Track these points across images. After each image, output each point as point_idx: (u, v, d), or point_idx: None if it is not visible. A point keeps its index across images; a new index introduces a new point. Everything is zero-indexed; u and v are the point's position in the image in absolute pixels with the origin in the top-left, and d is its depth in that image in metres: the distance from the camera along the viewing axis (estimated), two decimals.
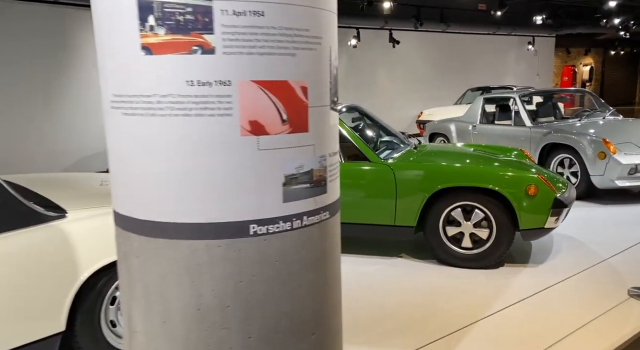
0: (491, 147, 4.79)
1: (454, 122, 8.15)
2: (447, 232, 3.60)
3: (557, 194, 3.41)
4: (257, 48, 1.23)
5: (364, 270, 3.64)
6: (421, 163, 3.66)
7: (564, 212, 3.50)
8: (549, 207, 3.37)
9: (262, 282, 1.31)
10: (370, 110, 4.93)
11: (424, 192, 3.52)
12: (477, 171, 3.50)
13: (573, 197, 3.65)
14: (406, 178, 3.58)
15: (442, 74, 14.63)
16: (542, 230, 3.44)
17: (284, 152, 1.30)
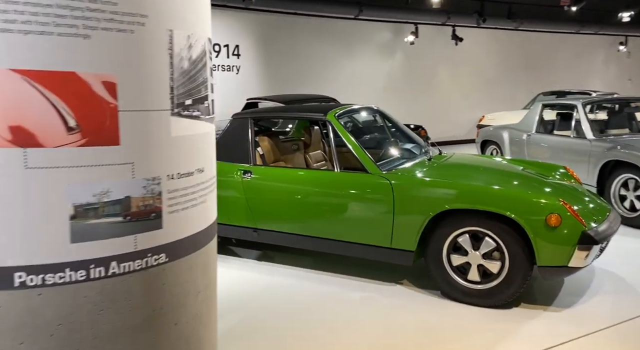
0: (531, 162, 4.14)
1: (507, 129, 7.41)
2: (452, 261, 3.10)
3: (586, 227, 2.80)
4: (17, 24, 0.91)
5: (349, 298, 3.23)
6: (425, 178, 3.18)
7: (597, 249, 2.87)
8: (575, 243, 2.77)
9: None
10: (390, 115, 4.47)
11: (426, 212, 3.05)
12: (489, 192, 2.96)
13: (612, 231, 3.00)
14: (406, 194, 3.12)
15: (513, 75, 13.57)
16: (565, 269, 2.84)
17: (71, 172, 0.96)
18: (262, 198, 3.52)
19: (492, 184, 3.07)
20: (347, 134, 3.41)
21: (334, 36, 10.82)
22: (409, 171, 3.31)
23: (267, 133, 4.12)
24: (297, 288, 3.35)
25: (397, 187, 3.14)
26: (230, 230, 3.69)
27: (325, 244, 3.40)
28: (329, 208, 3.33)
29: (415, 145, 4.04)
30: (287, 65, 10.33)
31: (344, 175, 3.34)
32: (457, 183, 3.06)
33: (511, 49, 13.49)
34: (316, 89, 10.58)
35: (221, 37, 9.46)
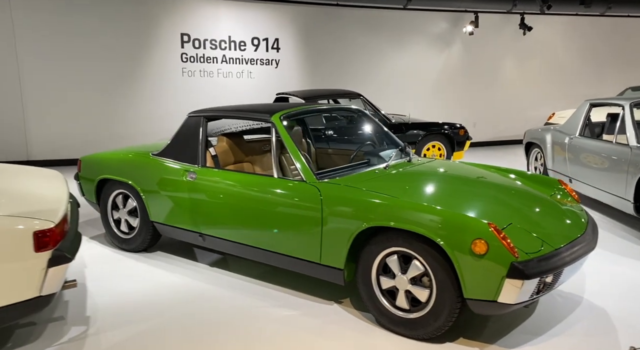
0: (524, 175, 3.69)
1: (551, 131, 6.72)
2: (381, 283, 2.85)
3: (517, 257, 2.41)
4: None
5: (271, 314, 3.07)
6: (359, 189, 2.94)
7: (533, 284, 2.46)
8: (503, 275, 2.41)
9: None
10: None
11: (351, 228, 2.82)
12: (414, 210, 2.66)
13: (565, 261, 2.57)
14: (334, 206, 2.91)
15: (597, 68, 12.26)
16: (495, 305, 2.47)
17: None
18: (205, 202, 3.47)
19: (427, 201, 2.76)
20: (289, 138, 3.25)
21: (381, 28, 10.47)
22: (348, 181, 3.08)
23: (232, 132, 4.06)
24: (226, 299, 3.26)
25: (325, 198, 2.94)
26: (178, 233, 3.70)
27: (262, 255, 3.29)
28: (263, 216, 3.20)
29: (387, 151, 3.77)
30: (329, 60, 10.19)
31: (280, 182, 3.20)
32: (385, 197, 2.79)
33: (595, 38, 12.20)
34: (361, 84, 10.33)
35: (260, 30, 9.55)
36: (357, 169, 3.37)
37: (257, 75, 9.68)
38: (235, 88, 9.49)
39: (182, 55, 9.04)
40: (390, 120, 7.72)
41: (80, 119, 8.59)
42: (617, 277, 3.70)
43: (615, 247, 4.36)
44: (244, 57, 9.52)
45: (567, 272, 2.68)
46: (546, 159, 6.66)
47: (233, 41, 9.38)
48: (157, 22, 8.81)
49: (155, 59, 8.90)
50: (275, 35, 9.71)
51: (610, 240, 4.57)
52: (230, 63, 9.43)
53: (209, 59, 9.24)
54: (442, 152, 8.04)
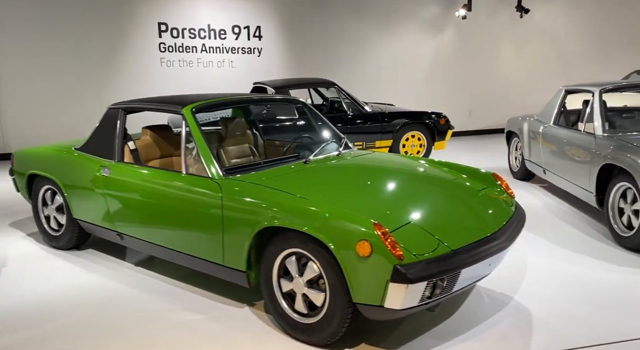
0: (456, 167, 3.51)
1: (528, 119, 6.46)
2: (282, 286, 2.72)
3: (401, 260, 2.25)
4: None
5: (175, 320, 2.95)
6: (253, 187, 2.79)
7: (420, 288, 2.29)
8: (387, 279, 2.25)
9: None
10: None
11: (250, 228, 2.69)
12: (304, 209, 2.52)
13: (457, 264, 2.39)
14: (234, 205, 2.78)
15: (604, 51, 11.77)
16: (383, 310, 2.32)
17: None
18: (118, 199, 3.38)
19: (323, 200, 2.61)
20: (197, 131, 3.11)
21: (369, 14, 10.21)
22: (255, 177, 2.94)
23: (157, 125, 3.94)
24: (136, 302, 3.16)
25: (226, 195, 2.81)
26: (100, 232, 3.62)
27: (173, 255, 3.18)
28: (170, 215, 3.09)
29: (321, 144, 3.61)
30: (315, 48, 9.98)
31: (183, 178, 3.07)
32: (283, 196, 2.65)
33: (600, 19, 11.72)
34: (349, 72, 10.12)
35: (241, 18, 9.39)
36: (276, 164, 3.23)
37: (239, 65, 9.54)
38: (216, 78, 9.37)
39: (160, 44, 8.94)
40: (367, 110, 7.53)
41: (56, 111, 8.58)
42: (559, 276, 3.52)
43: (571, 244, 4.15)
44: (224, 46, 9.38)
45: (470, 273, 2.51)
46: (523, 149, 6.42)
47: (213, 30, 9.24)
48: (133, 11, 8.72)
49: (132, 50, 8.82)
50: (256, 23, 9.54)
51: (569, 236, 4.36)
52: (210, 52, 9.31)
53: (188, 49, 9.13)
54: (422, 142, 7.83)
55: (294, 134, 4.52)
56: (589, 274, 3.56)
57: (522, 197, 5.70)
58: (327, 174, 3.11)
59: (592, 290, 3.30)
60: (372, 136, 7.50)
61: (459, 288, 2.54)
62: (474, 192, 3.14)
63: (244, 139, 4.38)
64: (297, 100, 4.15)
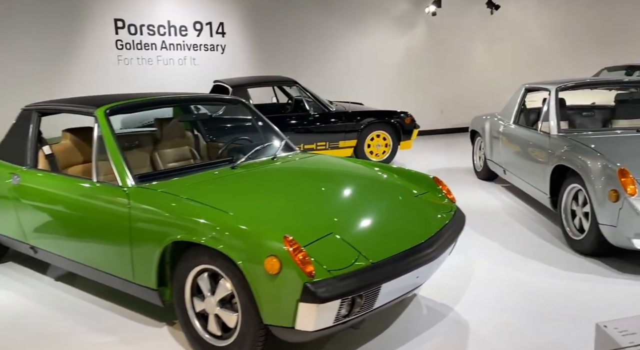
0: (396, 171, 3.34)
1: (490, 118, 6.34)
2: (195, 305, 2.50)
3: (311, 277, 2.06)
4: None
5: (84, 342, 2.72)
6: (164, 197, 2.58)
7: (334, 308, 2.11)
8: (297, 299, 2.06)
9: None
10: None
11: (157, 242, 2.47)
12: (213, 220, 2.31)
13: (376, 279, 2.21)
14: (142, 216, 2.56)
15: (576, 48, 11.72)
16: (295, 332, 2.13)
17: None
18: (28, 209, 3.13)
19: (236, 210, 2.40)
20: (110, 135, 2.88)
21: (337, 10, 10.00)
22: (170, 185, 2.72)
23: (79, 128, 3.68)
24: (45, 322, 2.93)
25: (133, 206, 2.59)
26: (11, 243, 3.36)
27: (86, 270, 2.95)
28: (80, 227, 2.86)
29: (254, 147, 3.40)
30: (282, 45, 9.74)
31: (96, 187, 2.84)
32: (193, 207, 2.43)
33: (571, 16, 11.69)
34: (317, 70, 9.91)
35: (202, 14, 9.11)
36: (202, 169, 3.02)
37: (202, 62, 9.26)
38: (177, 76, 9.08)
39: (116, 42, 8.62)
40: (330, 109, 7.33)
41: (6, 112, 8.19)
42: (505, 284, 3.37)
43: (523, 248, 4.01)
44: (185, 43, 9.09)
45: (394, 287, 2.33)
46: (485, 149, 6.29)
47: (173, 26, 8.95)
48: (87, 8, 8.37)
49: (86, 47, 8.49)
50: (219, 19, 9.26)
51: (522, 240, 4.22)
52: (170, 49, 9.01)
53: (147, 46, 8.83)
54: (387, 141, 7.67)
55: (234, 135, 4.31)
56: (536, 280, 3.42)
57: (482, 198, 5.58)
58: (252, 181, 2.90)
59: (536, 298, 3.16)
60: (336, 136, 7.32)
61: (382, 303, 2.35)
62: (410, 197, 2.97)
63: (182, 141, 4.15)
64: (235, 99, 3.93)
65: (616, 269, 3.54)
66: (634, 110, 5.27)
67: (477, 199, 5.57)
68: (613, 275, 3.45)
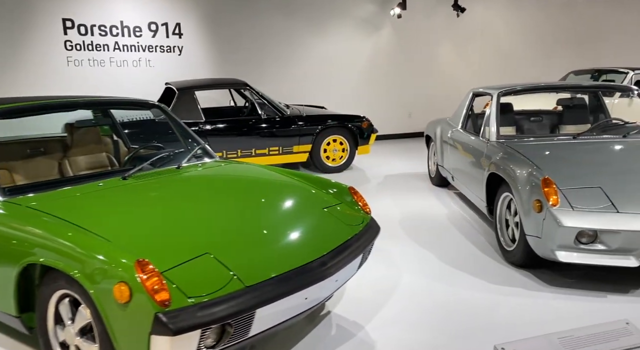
0: (314, 180, 3.16)
1: (441, 123, 6.21)
2: (58, 334, 2.29)
3: (165, 306, 1.86)
4: None
5: None
6: (27, 213, 2.36)
7: (212, 336, 1.93)
8: (148, 331, 1.85)
9: None
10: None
11: (14, 264, 2.25)
12: (63, 241, 2.10)
13: (246, 305, 2.01)
14: (1, 234, 2.34)
15: (542, 50, 11.70)
16: None
17: None
18: None
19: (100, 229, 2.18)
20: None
21: (299, 11, 9.83)
22: (42, 199, 2.50)
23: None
24: None
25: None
26: None
27: None
28: None
29: (160, 155, 3.19)
30: (242, 47, 9.53)
31: None
32: (53, 225, 2.22)
33: (541, 19, 11.67)
34: (280, 73, 9.73)
35: (157, 14, 8.87)
36: (88, 180, 2.80)
37: (158, 64, 9.02)
38: (132, 78, 8.83)
39: (65, 42, 8.34)
40: (283, 113, 7.14)
41: None
42: (427, 298, 3.21)
43: (456, 259, 3.85)
44: (140, 44, 8.84)
45: (274, 311, 2.14)
46: (437, 154, 6.15)
47: (126, 27, 8.69)
48: (33, 7, 8.09)
49: (33, 49, 8.20)
50: (175, 19, 9.03)
51: (458, 250, 4.06)
52: (124, 51, 8.75)
53: (98, 47, 8.56)
54: (344, 146, 7.51)
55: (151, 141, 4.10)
56: (461, 294, 3.26)
57: (431, 205, 5.42)
58: (136, 194, 2.69)
59: (456, 314, 3.00)
60: (289, 141, 7.13)
61: (261, 330, 2.16)
62: (316, 210, 2.78)
63: (98, 147, 3.93)
64: (150, 103, 3.71)
65: (545, 281, 3.40)
66: (581, 115, 5.17)
67: (425, 206, 5.42)
68: (540, 289, 3.30)
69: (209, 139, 6.66)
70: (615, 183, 3.16)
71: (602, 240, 2.98)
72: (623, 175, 3.28)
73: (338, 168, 7.51)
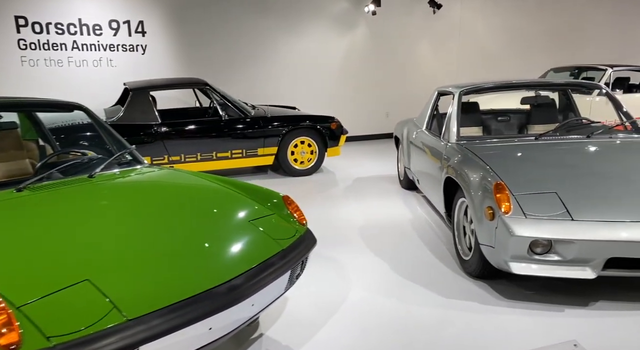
0: (245, 188, 2.92)
1: (408, 123, 6.00)
2: None
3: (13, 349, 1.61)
4: None
5: None
6: None
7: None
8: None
9: None
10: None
11: None
12: None
13: (112, 346, 1.75)
14: None
15: (522, 47, 11.58)
16: None
17: None
18: None
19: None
20: None
21: (270, 9, 9.58)
22: None
23: None
24: None
25: None
26: None
27: None
28: None
29: (71, 162, 2.93)
30: (211, 46, 9.26)
31: None
32: None
33: (521, 16, 11.54)
34: (250, 72, 9.48)
35: (118, 12, 8.57)
36: None
37: (120, 63, 8.72)
38: (93, 78, 8.54)
39: (19, 41, 8.02)
40: (247, 114, 6.89)
41: None
42: (372, 316, 2.97)
43: (411, 270, 3.63)
44: (100, 43, 8.54)
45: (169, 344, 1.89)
46: (404, 156, 5.94)
47: (85, 25, 8.39)
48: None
49: None
50: (138, 17, 8.74)
51: (416, 260, 3.84)
52: (83, 50, 8.45)
53: (55, 46, 8.24)
54: (313, 148, 7.27)
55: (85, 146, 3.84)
56: (410, 311, 3.03)
57: (396, 210, 5.19)
58: (23, 210, 2.41)
59: (400, 335, 2.77)
60: (253, 143, 6.88)
61: None
62: (240, 222, 2.54)
63: (19, 153, 3.64)
64: (71, 105, 3.44)
65: (501, 294, 3.19)
66: (550, 114, 4.98)
67: (390, 211, 5.20)
68: (495, 303, 3.09)
69: (166, 142, 6.40)
70: (572, 188, 2.96)
71: (556, 251, 2.77)
72: (582, 179, 3.08)
73: (307, 171, 7.28)
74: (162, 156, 6.39)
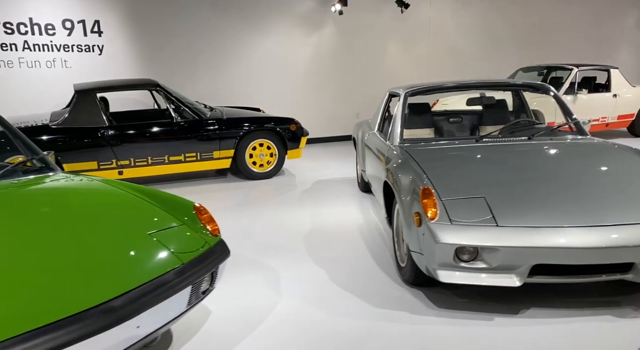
0: (152, 194, 2.77)
1: (363, 125, 5.91)
2: None
3: None
4: None
5: None
6: None
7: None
8: None
9: None
10: None
11: None
12: None
13: None
14: None
15: (492, 47, 11.60)
16: None
17: None
18: None
19: None
20: None
21: (233, 7, 9.43)
22: None
23: None
24: None
25: None
26: None
27: None
28: None
29: None
30: (172, 45, 9.08)
31: None
32: None
33: (491, 15, 11.55)
34: (214, 72, 9.32)
35: (72, 11, 8.35)
36: None
37: (76, 64, 8.50)
38: (46, 80, 8.30)
39: None
40: (201, 115, 6.72)
41: None
42: (298, 331, 2.84)
43: (347, 279, 3.52)
44: (53, 43, 8.31)
45: None
46: (359, 159, 5.84)
47: (37, 24, 8.15)
48: None
49: None
50: (94, 16, 8.52)
51: (354, 268, 3.73)
52: (36, 50, 8.21)
53: (4, 46, 8.00)
54: (273, 150, 7.13)
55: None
56: (338, 324, 2.91)
57: (348, 215, 5.07)
58: None
59: (321, 349, 2.65)
60: (208, 146, 6.72)
61: None
62: (135, 235, 2.38)
63: None
64: None
65: (435, 303, 3.09)
66: (502, 115, 4.91)
67: (342, 216, 5.09)
68: (427, 312, 2.99)
69: (114, 146, 6.21)
70: (502, 192, 2.87)
71: (483, 258, 2.68)
72: (514, 182, 3.00)
73: (266, 174, 7.15)
74: (110, 161, 6.21)
